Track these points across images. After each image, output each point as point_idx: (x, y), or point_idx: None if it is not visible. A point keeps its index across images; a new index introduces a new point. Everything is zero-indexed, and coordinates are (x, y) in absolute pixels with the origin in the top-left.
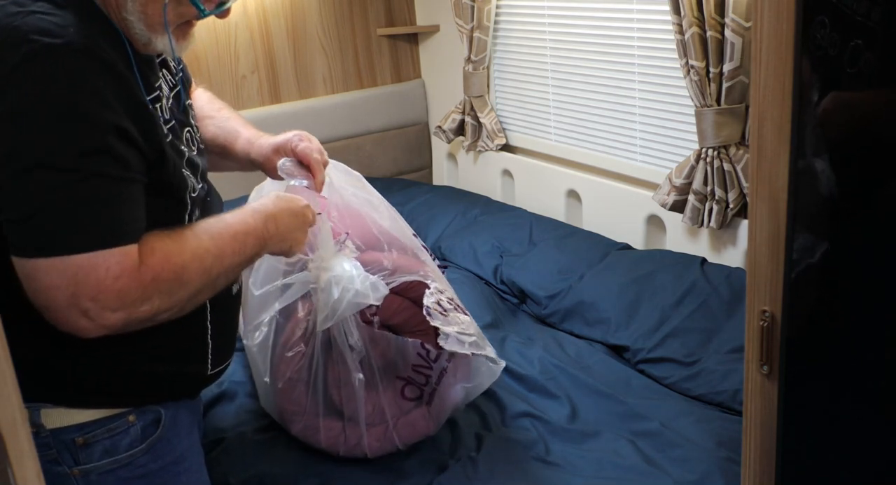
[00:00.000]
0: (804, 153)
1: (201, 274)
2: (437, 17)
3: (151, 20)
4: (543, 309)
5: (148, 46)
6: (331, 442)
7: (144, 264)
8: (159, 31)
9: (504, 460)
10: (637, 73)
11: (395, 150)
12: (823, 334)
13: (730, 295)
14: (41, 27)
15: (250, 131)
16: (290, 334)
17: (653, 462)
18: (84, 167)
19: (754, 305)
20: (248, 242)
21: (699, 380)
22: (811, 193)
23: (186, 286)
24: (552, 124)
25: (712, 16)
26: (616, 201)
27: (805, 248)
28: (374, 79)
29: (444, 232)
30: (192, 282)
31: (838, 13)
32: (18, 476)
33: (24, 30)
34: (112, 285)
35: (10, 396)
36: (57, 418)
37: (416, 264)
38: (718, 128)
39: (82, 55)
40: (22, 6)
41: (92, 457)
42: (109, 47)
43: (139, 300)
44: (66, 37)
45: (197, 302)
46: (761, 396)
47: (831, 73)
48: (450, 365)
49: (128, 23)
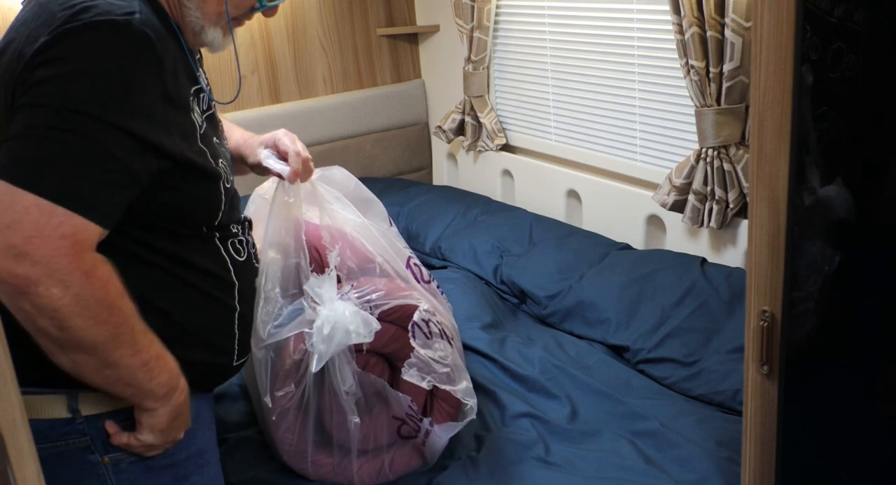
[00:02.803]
0: (804, 153)
1: (113, 333)
2: (437, 17)
3: (209, 9)
4: (543, 309)
5: (197, 37)
6: (320, 475)
7: (90, 255)
8: (215, 22)
9: (504, 460)
10: (637, 73)
11: (395, 150)
12: (823, 334)
13: (730, 295)
14: (108, 8)
15: (241, 132)
16: (280, 372)
17: (653, 462)
18: (103, 137)
19: (754, 305)
20: (161, 376)
21: (699, 380)
22: (812, 193)
23: (96, 322)
24: (552, 124)
25: (712, 16)
26: (616, 201)
27: (806, 249)
28: (374, 79)
29: (444, 232)
30: (103, 327)
31: (816, 17)
32: (18, 476)
33: (95, 10)
34: (51, 238)
35: (10, 396)
36: (93, 405)
37: (406, 288)
38: (718, 128)
39: (139, 38)
40: None
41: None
42: (165, 35)
43: (59, 275)
44: (129, 18)
45: (73, 357)
46: (761, 396)
47: (816, 76)
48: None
49: (185, 10)
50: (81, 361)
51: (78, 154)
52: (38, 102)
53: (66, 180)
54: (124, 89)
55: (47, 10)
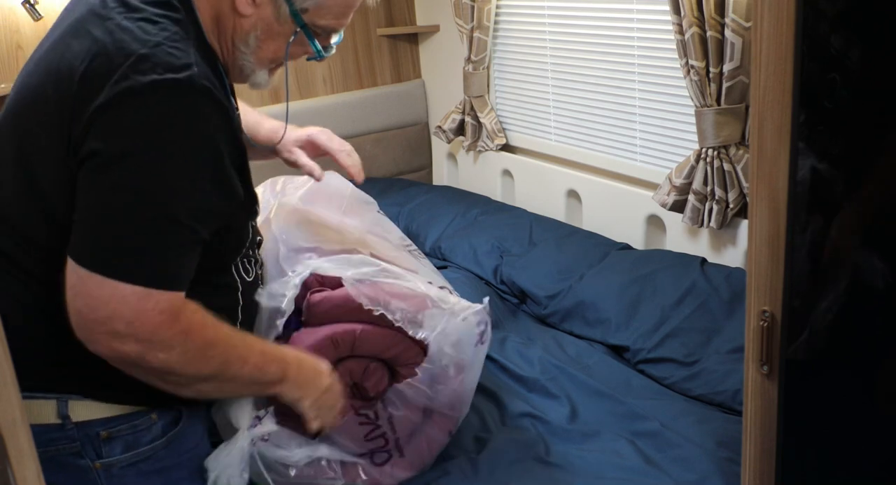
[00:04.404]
0: (805, 153)
1: (221, 361)
2: (437, 17)
3: (264, 55)
4: (543, 309)
5: (245, 78)
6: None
7: (184, 315)
8: (267, 66)
9: (504, 461)
10: (637, 73)
11: (395, 150)
12: (823, 334)
13: (730, 295)
14: (171, 62)
15: (271, 123)
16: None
17: (653, 462)
18: (182, 215)
19: (754, 305)
20: (270, 367)
21: (699, 380)
22: (812, 193)
23: (205, 361)
24: (552, 124)
25: (712, 16)
26: (616, 201)
27: (806, 248)
28: (374, 79)
29: (444, 232)
30: (212, 361)
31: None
32: (18, 476)
33: (153, 60)
34: (152, 318)
35: (10, 396)
36: (84, 411)
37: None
38: (718, 128)
39: (205, 98)
40: (149, 34)
41: (114, 451)
42: (214, 78)
43: (162, 344)
44: (189, 73)
45: (196, 389)
46: (761, 396)
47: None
48: (395, 411)
49: (239, 54)
50: (203, 389)
51: (162, 237)
52: (112, 182)
53: (156, 265)
54: (196, 162)
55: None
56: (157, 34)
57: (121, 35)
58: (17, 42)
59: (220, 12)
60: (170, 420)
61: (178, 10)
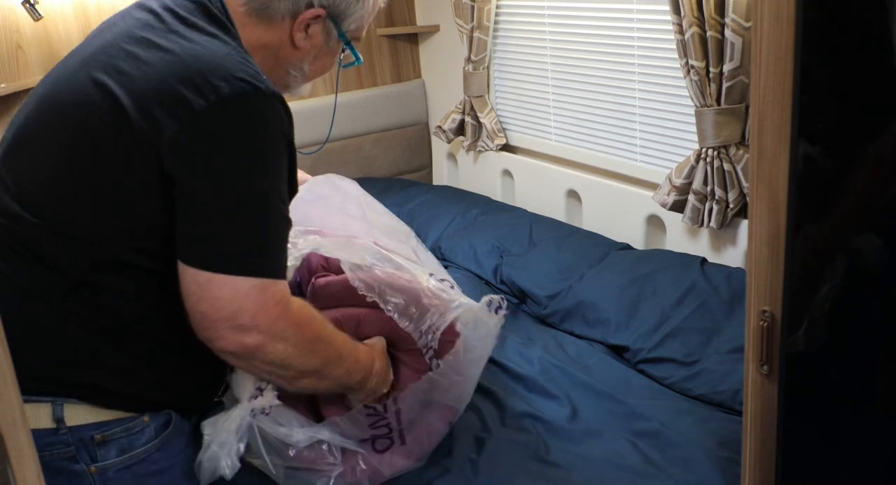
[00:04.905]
0: (805, 152)
1: (324, 358)
2: (437, 17)
3: (314, 74)
4: (543, 309)
5: (287, 90)
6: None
7: (293, 308)
8: (313, 80)
9: (504, 461)
10: (637, 73)
11: (395, 150)
12: (823, 334)
13: (730, 295)
14: (246, 71)
15: None
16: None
17: (653, 462)
18: (282, 206)
19: (754, 305)
20: (355, 376)
21: (699, 380)
22: (812, 192)
23: (313, 355)
24: (552, 124)
25: (712, 16)
26: (616, 201)
27: (806, 248)
28: (374, 79)
29: (444, 232)
30: (317, 356)
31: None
32: (18, 476)
33: (231, 68)
34: (272, 309)
35: (10, 396)
36: (79, 416)
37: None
38: (718, 128)
39: (279, 102)
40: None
41: (109, 454)
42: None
43: (279, 335)
44: (265, 80)
45: (300, 384)
46: (761, 396)
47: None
48: (404, 406)
49: (289, 77)
50: (304, 384)
51: (275, 230)
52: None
53: (272, 257)
54: (282, 159)
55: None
56: (223, 47)
57: (191, 46)
58: (17, 42)
59: (279, 48)
60: (162, 422)
61: (228, 29)
